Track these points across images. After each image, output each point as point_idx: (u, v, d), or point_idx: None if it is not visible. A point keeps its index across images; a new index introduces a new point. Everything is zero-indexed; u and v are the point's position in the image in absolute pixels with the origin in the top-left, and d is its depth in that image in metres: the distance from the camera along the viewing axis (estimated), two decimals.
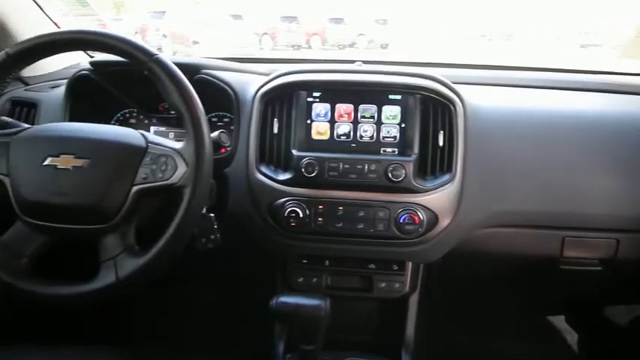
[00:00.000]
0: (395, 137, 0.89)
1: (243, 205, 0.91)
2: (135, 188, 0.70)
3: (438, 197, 0.87)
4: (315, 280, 0.97)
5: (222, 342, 0.92)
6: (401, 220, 0.86)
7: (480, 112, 0.92)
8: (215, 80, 0.93)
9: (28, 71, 1.11)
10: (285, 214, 0.87)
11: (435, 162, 0.88)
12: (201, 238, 0.83)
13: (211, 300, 1.31)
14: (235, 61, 1.07)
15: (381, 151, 0.90)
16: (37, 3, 1.11)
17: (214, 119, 1.04)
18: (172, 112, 1.08)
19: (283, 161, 0.90)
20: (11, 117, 0.90)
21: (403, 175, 0.86)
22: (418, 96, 0.88)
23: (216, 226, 0.84)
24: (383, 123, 0.90)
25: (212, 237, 0.84)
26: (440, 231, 0.89)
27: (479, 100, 0.94)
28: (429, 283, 1.02)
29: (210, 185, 0.74)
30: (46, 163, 0.70)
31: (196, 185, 0.69)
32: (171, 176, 0.69)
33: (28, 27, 1.06)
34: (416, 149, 0.88)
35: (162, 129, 1.07)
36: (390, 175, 0.86)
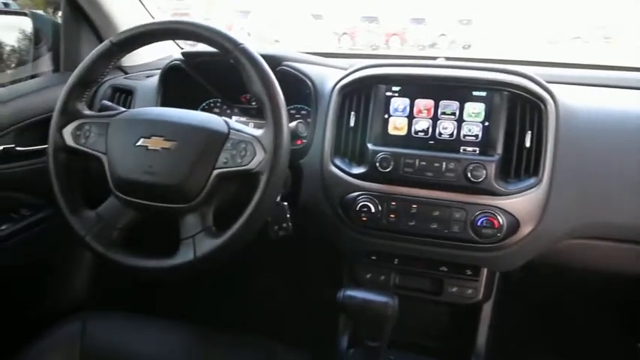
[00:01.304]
0: (476, 136, 0.85)
1: (315, 197, 0.92)
2: (215, 172, 0.72)
3: (521, 202, 0.81)
4: (382, 277, 0.95)
5: (285, 331, 0.93)
6: (478, 223, 0.82)
7: (573, 113, 0.85)
8: (295, 72, 0.95)
9: (127, 61, 1.21)
10: (357, 209, 0.87)
11: (519, 164, 0.83)
12: (274, 225, 0.85)
13: (276, 289, 1.34)
14: (316, 56, 1.08)
15: (461, 150, 0.86)
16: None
17: (292, 111, 1.06)
18: (253, 103, 1.12)
19: (358, 155, 0.89)
20: (111, 102, 0.99)
21: (484, 176, 0.81)
22: (505, 93, 0.83)
23: (288, 215, 0.85)
24: (464, 120, 0.86)
25: (284, 225, 0.85)
26: (520, 238, 0.83)
27: (573, 100, 0.87)
28: (504, 294, 0.97)
29: (285, 173, 0.75)
30: (138, 143, 0.75)
31: (273, 172, 0.70)
32: (250, 162, 0.71)
33: (128, 19, 1.15)
34: (499, 149, 0.83)
35: (243, 119, 1.11)
36: (469, 175, 0.82)
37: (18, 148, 0.99)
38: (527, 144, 0.82)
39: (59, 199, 0.78)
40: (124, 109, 0.86)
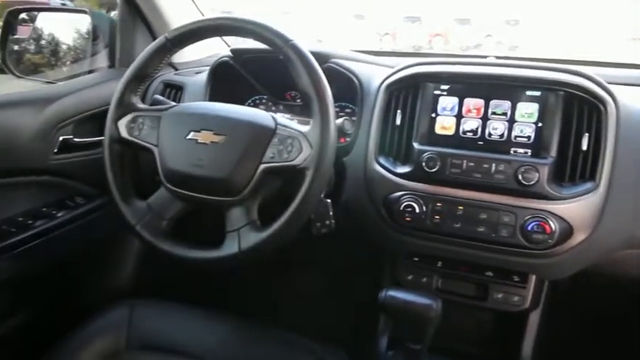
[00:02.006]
0: (529, 137, 0.82)
1: (358, 195, 0.91)
2: (262, 166, 0.73)
3: (576, 207, 0.78)
4: (425, 280, 0.93)
5: (323, 329, 0.93)
6: (528, 228, 0.79)
7: (634, 115, 0.80)
8: (342, 69, 0.95)
9: (177, 58, 1.24)
10: (401, 209, 0.85)
11: (575, 167, 0.79)
12: (317, 222, 0.85)
13: (316, 286, 1.34)
14: (362, 53, 1.07)
15: (512, 152, 0.83)
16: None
17: (337, 109, 1.05)
18: (298, 101, 1.13)
19: (403, 154, 0.88)
20: (162, 96, 1.02)
21: (536, 179, 0.78)
22: (561, 93, 0.80)
23: (331, 213, 0.85)
24: (516, 121, 0.83)
25: (327, 222, 0.85)
26: (573, 245, 0.79)
27: (633, 101, 0.83)
28: (552, 302, 0.93)
29: (331, 170, 0.75)
30: (188, 137, 0.76)
31: (318, 168, 0.70)
32: (296, 157, 0.72)
33: (181, 18, 1.18)
34: (553, 152, 0.80)
35: (288, 116, 1.12)
36: (520, 177, 0.79)
37: (76, 139, 1.04)
38: (584, 147, 0.79)
39: (112, 189, 0.81)
40: (175, 103, 0.89)
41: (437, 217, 0.84)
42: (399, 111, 0.88)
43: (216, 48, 1.31)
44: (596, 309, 1.07)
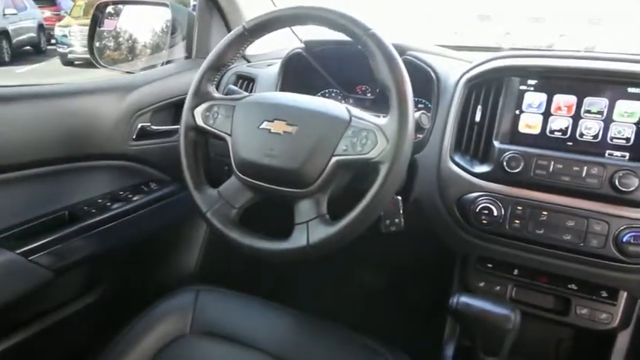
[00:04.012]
0: (628, 139, 0.74)
1: (430, 194, 0.87)
2: (334, 159, 0.71)
3: None
4: (498, 288, 0.87)
5: (384, 330, 0.90)
6: (624, 239, 0.72)
7: None
8: (419, 62, 0.91)
9: (250, 51, 1.26)
10: (477, 210, 0.80)
11: None
12: (386, 219, 0.82)
13: (379, 285, 1.31)
14: (440, 47, 1.03)
15: (606, 154, 0.75)
16: None
17: None
18: (369, 95, 1.10)
19: (482, 152, 0.83)
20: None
21: (635, 185, 0.71)
22: None
23: (401, 211, 0.82)
24: (614, 121, 0.75)
25: (396, 220, 0.82)
26: None
27: None
28: None
29: (406, 165, 0.72)
30: (262, 126, 0.76)
31: (394, 162, 0.67)
32: (370, 151, 0.69)
33: (256, 11, 1.19)
34: None
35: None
36: (616, 182, 0.72)
37: (153, 127, 1.08)
38: None
39: (186, 175, 0.82)
40: (248, 93, 0.89)
41: (517, 221, 0.79)
42: (479, 107, 0.83)
43: (287, 42, 1.31)
44: None
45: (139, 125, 1.05)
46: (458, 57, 1.00)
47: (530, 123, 0.80)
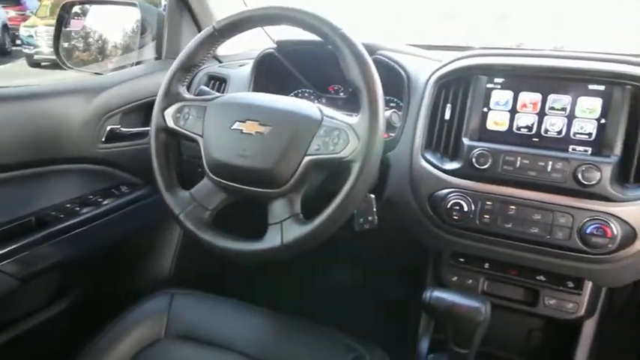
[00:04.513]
0: (589, 134, 0.77)
1: (402, 192, 0.88)
2: (307, 158, 0.72)
3: None
4: (470, 282, 0.89)
5: (360, 327, 0.91)
6: (587, 231, 0.74)
7: None
8: (390, 62, 0.92)
9: (221, 51, 1.25)
10: (448, 207, 0.82)
11: None
12: (359, 218, 0.83)
13: (354, 283, 1.32)
14: (410, 46, 1.04)
15: (570, 149, 0.78)
16: None
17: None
18: (341, 94, 1.11)
19: (452, 150, 0.84)
20: None
21: (597, 179, 0.73)
22: (628, 87, 0.74)
23: (374, 209, 0.83)
24: (576, 117, 0.78)
25: (369, 218, 0.83)
26: (637, 251, 0.74)
27: None
28: (611, 311, 0.87)
29: (378, 163, 0.72)
30: (234, 127, 0.76)
31: (366, 161, 0.68)
32: (342, 150, 0.69)
33: (225, 10, 1.18)
34: (617, 150, 0.74)
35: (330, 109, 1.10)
36: (579, 176, 0.74)
37: (122, 129, 1.06)
38: None
39: (157, 177, 0.81)
40: (220, 94, 0.88)
41: (486, 216, 0.80)
42: (448, 105, 0.85)
43: (259, 42, 1.31)
44: None
45: (108, 127, 1.03)
46: (428, 56, 1.02)
47: (497, 120, 0.82)
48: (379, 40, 0.98)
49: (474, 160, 0.80)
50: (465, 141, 0.82)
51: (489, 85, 0.83)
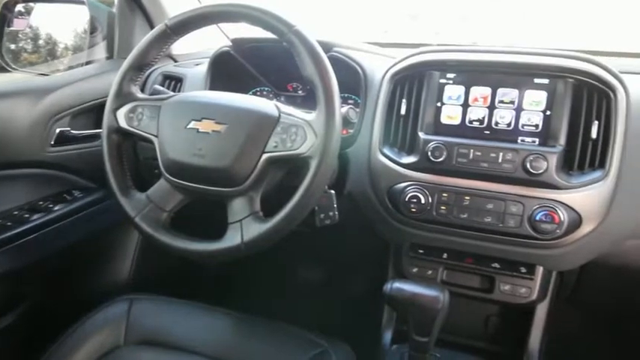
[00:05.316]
0: (536, 126, 0.80)
1: (362, 187, 0.90)
2: (265, 156, 0.71)
3: (585, 196, 0.76)
4: (430, 272, 0.91)
5: (325, 323, 0.92)
6: (536, 218, 0.78)
7: None
8: (346, 59, 0.93)
9: (177, 50, 1.23)
10: (406, 199, 0.84)
11: (584, 156, 0.78)
12: (320, 214, 0.83)
13: (318, 279, 1.33)
14: (367, 44, 1.06)
15: (519, 140, 0.81)
16: None
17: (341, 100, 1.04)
18: (300, 92, 1.11)
19: (408, 144, 0.86)
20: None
21: (544, 168, 0.77)
22: (570, 80, 0.78)
23: (335, 204, 0.84)
24: (524, 109, 0.81)
25: (330, 214, 0.83)
26: (582, 236, 0.78)
27: None
28: (560, 295, 0.91)
29: (336, 159, 0.73)
30: (189, 126, 0.74)
31: (323, 156, 0.68)
32: (300, 146, 0.70)
33: (178, 7, 1.16)
34: (562, 140, 0.78)
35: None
36: (528, 166, 0.77)
37: (73, 132, 1.02)
38: (594, 135, 0.77)
39: (110, 180, 0.79)
40: (175, 93, 0.87)
41: (443, 207, 0.83)
42: (404, 100, 0.87)
43: (215, 41, 1.29)
44: (605, 301, 1.05)
45: (57, 130, 0.99)
46: (384, 53, 1.04)
47: (451, 114, 0.85)
48: (335, 37, 0.99)
49: (429, 153, 0.82)
50: (421, 135, 0.84)
51: (442, 81, 0.85)
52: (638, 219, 0.78)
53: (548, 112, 0.79)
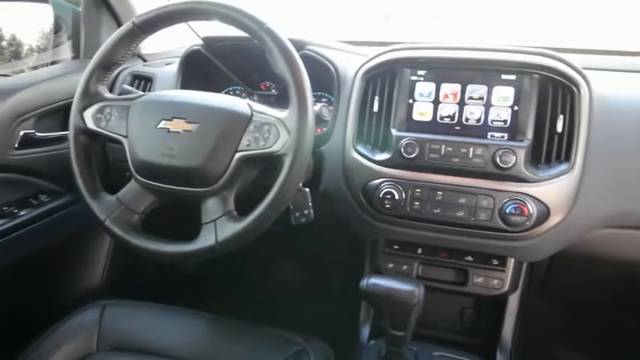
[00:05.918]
0: (505, 121, 0.82)
1: (336, 184, 0.90)
2: (238, 155, 0.71)
3: (552, 189, 0.78)
4: (405, 267, 0.92)
5: (303, 321, 0.92)
6: (507, 211, 0.79)
7: (606, 98, 0.82)
8: (318, 57, 0.93)
9: (146, 49, 1.20)
10: (380, 196, 0.85)
11: (550, 149, 0.80)
12: (295, 212, 0.83)
13: (295, 278, 1.32)
14: (339, 42, 1.06)
15: (489, 136, 0.83)
16: None
17: (313, 98, 1.04)
18: (272, 91, 1.10)
19: (381, 141, 0.87)
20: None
21: (513, 162, 0.79)
22: (536, 76, 0.81)
23: (310, 202, 0.84)
24: (492, 105, 0.83)
25: (305, 212, 0.83)
26: (550, 227, 0.80)
27: (605, 85, 0.84)
28: (531, 285, 0.94)
29: (310, 156, 0.73)
30: (159, 126, 0.73)
31: (297, 154, 0.68)
32: (273, 144, 0.69)
33: (146, 4, 1.14)
34: (529, 134, 0.80)
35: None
36: (497, 160, 0.79)
37: (38, 134, 0.99)
38: (559, 129, 0.79)
39: (79, 182, 0.77)
40: (144, 93, 0.85)
41: (416, 203, 0.84)
42: (376, 98, 0.87)
43: (187, 40, 1.27)
44: (574, 291, 1.09)
45: (21, 133, 0.96)
46: (356, 51, 1.04)
47: (422, 111, 0.86)
48: (307, 35, 0.99)
49: (402, 149, 0.83)
50: (394, 132, 0.85)
51: (413, 78, 0.86)
52: (604, 210, 0.81)
53: (515, 108, 0.81)
